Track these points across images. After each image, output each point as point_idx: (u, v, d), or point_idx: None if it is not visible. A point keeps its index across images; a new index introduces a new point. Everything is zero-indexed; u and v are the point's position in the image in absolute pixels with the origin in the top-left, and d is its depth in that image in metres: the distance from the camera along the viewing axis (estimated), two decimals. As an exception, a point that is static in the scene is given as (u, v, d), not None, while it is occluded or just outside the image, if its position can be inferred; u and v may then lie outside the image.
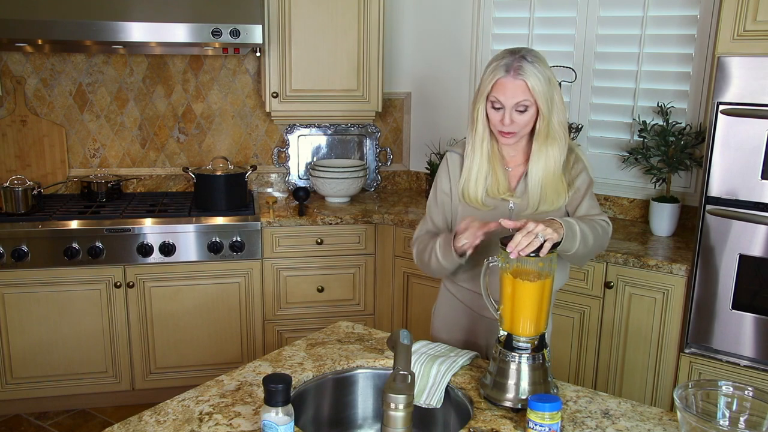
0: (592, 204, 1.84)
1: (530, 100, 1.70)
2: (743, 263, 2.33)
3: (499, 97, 1.71)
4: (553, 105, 1.73)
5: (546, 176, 1.79)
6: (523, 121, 1.73)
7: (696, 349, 2.49)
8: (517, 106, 1.71)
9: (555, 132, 1.76)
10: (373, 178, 3.80)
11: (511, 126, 1.73)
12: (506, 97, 1.70)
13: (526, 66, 1.68)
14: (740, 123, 2.29)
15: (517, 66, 1.68)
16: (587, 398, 1.54)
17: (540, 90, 1.69)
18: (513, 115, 1.72)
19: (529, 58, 1.70)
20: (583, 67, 3.12)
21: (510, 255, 1.47)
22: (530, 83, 1.68)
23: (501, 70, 1.70)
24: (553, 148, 1.77)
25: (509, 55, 1.71)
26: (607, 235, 1.82)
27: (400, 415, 1.20)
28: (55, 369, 3.09)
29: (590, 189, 1.86)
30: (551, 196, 1.80)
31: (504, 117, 1.72)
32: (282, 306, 3.25)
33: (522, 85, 1.69)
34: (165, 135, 3.60)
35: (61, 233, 2.97)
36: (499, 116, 1.73)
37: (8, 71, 3.36)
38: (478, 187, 1.83)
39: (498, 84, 1.71)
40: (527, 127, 1.76)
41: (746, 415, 1.31)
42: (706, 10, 2.79)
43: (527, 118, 1.73)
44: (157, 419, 1.41)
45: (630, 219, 3.14)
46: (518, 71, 1.68)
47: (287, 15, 3.24)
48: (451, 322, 1.98)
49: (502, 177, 1.84)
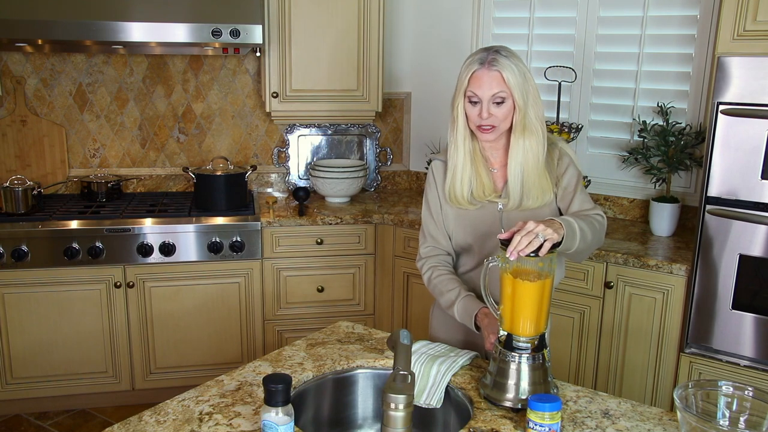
0: (585, 198, 1.84)
1: (506, 91, 1.72)
2: (743, 263, 2.33)
3: (476, 91, 1.73)
4: (529, 97, 1.74)
5: (526, 170, 1.78)
6: (500, 114, 1.74)
7: (696, 349, 2.49)
8: (494, 98, 1.72)
9: (532, 125, 1.76)
10: (373, 178, 3.80)
11: (489, 119, 1.73)
12: (482, 90, 1.72)
13: (501, 59, 1.72)
14: (740, 123, 2.29)
15: (491, 59, 1.72)
16: (587, 398, 1.54)
17: (515, 82, 1.71)
18: (490, 108, 1.73)
19: (504, 53, 1.73)
20: (583, 67, 3.12)
21: (509, 257, 1.47)
22: (505, 74, 1.71)
23: (476, 64, 1.74)
24: (530, 140, 1.77)
25: (483, 51, 1.76)
26: (604, 229, 1.82)
27: (400, 415, 1.20)
28: (55, 369, 3.09)
29: (580, 182, 1.85)
30: (535, 191, 1.79)
31: (482, 110, 1.73)
32: (282, 306, 3.25)
33: (497, 76, 1.71)
34: (165, 135, 3.60)
35: (61, 233, 2.97)
36: (476, 110, 1.75)
37: (8, 71, 3.36)
38: (463, 186, 1.83)
39: (473, 77, 1.74)
40: (506, 121, 1.76)
41: (746, 415, 1.31)
42: (706, 10, 2.79)
43: (504, 110, 1.74)
44: (157, 419, 1.41)
45: (630, 219, 3.14)
46: (492, 63, 1.72)
47: (287, 15, 3.24)
48: (449, 322, 1.99)
49: (486, 179, 1.84)
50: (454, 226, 1.90)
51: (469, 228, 1.88)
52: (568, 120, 3.14)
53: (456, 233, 1.90)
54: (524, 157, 1.77)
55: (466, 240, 1.89)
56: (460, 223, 1.89)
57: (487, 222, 1.86)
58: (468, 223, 1.88)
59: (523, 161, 1.78)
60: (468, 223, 1.88)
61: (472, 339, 1.94)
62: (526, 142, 1.77)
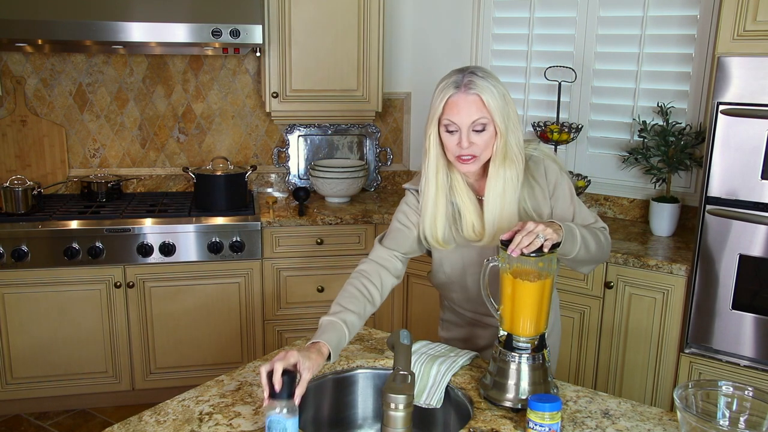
0: (585, 214, 1.74)
1: (487, 117, 1.55)
2: (743, 263, 2.33)
3: (453, 119, 1.55)
4: (510, 122, 1.58)
5: (503, 204, 1.63)
6: (482, 142, 1.57)
7: (696, 349, 2.49)
8: (474, 125, 1.55)
9: (513, 154, 1.60)
10: (373, 178, 3.80)
11: (470, 148, 1.56)
12: (461, 117, 1.54)
13: (478, 80, 1.54)
14: (740, 123, 2.29)
15: (468, 81, 1.54)
16: (587, 398, 1.54)
17: (495, 105, 1.54)
18: (470, 136, 1.56)
19: (480, 74, 1.56)
20: (583, 67, 3.12)
21: (510, 254, 1.46)
22: (485, 97, 1.53)
23: (450, 88, 1.55)
24: (511, 170, 1.61)
25: (457, 73, 1.57)
26: (609, 243, 1.73)
27: (400, 415, 1.20)
28: (55, 369, 3.09)
29: (574, 196, 1.73)
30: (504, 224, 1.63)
31: (461, 140, 1.56)
32: (282, 306, 3.25)
33: (476, 101, 1.54)
34: (165, 135, 3.60)
35: (61, 233, 2.97)
36: (455, 140, 1.57)
37: (8, 71, 3.36)
38: (437, 226, 1.67)
39: (449, 103, 1.55)
40: (487, 149, 1.59)
41: (746, 415, 1.31)
42: (706, 10, 2.79)
43: (486, 137, 1.57)
44: (157, 419, 1.41)
45: (630, 219, 3.14)
46: (469, 86, 1.54)
47: (287, 15, 3.24)
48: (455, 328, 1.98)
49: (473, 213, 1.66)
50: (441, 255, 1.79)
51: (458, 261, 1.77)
52: (568, 120, 3.14)
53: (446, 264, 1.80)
54: (504, 188, 1.62)
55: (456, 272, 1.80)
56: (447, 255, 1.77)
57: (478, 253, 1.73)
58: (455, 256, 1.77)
59: (502, 193, 1.62)
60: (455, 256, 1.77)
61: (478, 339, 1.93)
62: (507, 172, 1.61)
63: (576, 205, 1.73)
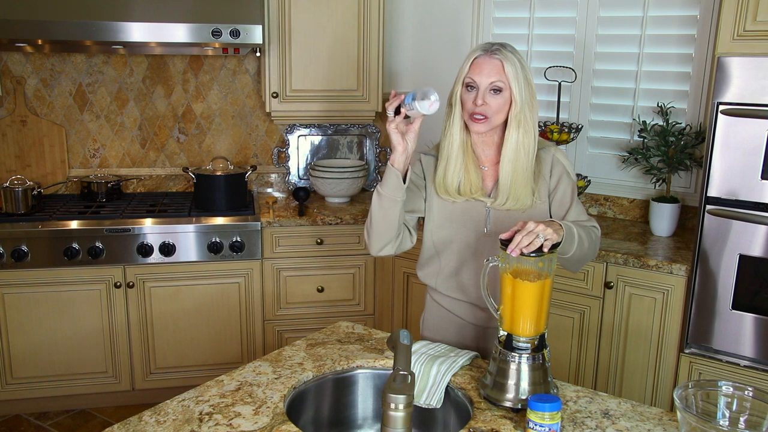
0: (580, 210, 1.81)
1: (504, 81, 1.69)
2: (743, 263, 2.33)
3: (474, 77, 1.71)
4: (527, 96, 1.71)
5: (517, 168, 1.74)
6: (495, 104, 1.70)
7: (696, 349, 2.49)
8: (491, 86, 1.69)
9: (528, 122, 1.72)
10: (373, 178, 3.80)
11: (482, 107, 1.70)
12: (481, 76, 1.70)
13: (505, 51, 1.71)
14: (740, 123, 2.29)
15: (495, 48, 1.71)
16: (587, 398, 1.54)
17: (514, 74, 1.69)
18: (486, 96, 1.70)
19: (509, 48, 1.73)
20: (583, 67, 3.12)
21: (511, 253, 1.47)
22: (506, 65, 1.69)
23: (479, 50, 1.73)
24: (526, 137, 1.72)
25: (489, 43, 1.75)
26: (599, 242, 1.80)
27: (400, 415, 1.20)
28: (55, 369, 3.09)
29: (575, 194, 1.81)
30: (518, 191, 1.75)
31: (476, 97, 1.70)
32: (282, 306, 3.25)
33: (498, 65, 1.69)
34: (165, 135, 3.60)
35: (61, 233, 2.97)
36: (471, 97, 1.72)
37: (8, 71, 3.36)
38: (454, 177, 1.80)
39: (474, 63, 1.72)
40: (499, 114, 1.72)
41: (746, 415, 1.31)
42: (706, 10, 2.79)
43: (500, 101, 1.70)
44: (157, 419, 1.41)
45: (630, 219, 3.14)
46: (495, 52, 1.71)
47: (287, 15, 3.24)
48: (440, 331, 1.99)
49: (474, 176, 1.80)
50: (437, 218, 1.86)
51: (452, 222, 1.84)
52: (568, 120, 3.14)
53: (438, 227, 1.86)
54: (516, 153, 1.73)
55: (447, 234, 1.85)
56: (443, 216, 1.85)
57: (471, 218, 1.83)
58: (451, 216, 1.84)
59: (515, 158, 1.73)
60: (451, 216, 1.84)
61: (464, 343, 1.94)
62: (521, 137, 1.72)
63: (574, 202, 1.80)
